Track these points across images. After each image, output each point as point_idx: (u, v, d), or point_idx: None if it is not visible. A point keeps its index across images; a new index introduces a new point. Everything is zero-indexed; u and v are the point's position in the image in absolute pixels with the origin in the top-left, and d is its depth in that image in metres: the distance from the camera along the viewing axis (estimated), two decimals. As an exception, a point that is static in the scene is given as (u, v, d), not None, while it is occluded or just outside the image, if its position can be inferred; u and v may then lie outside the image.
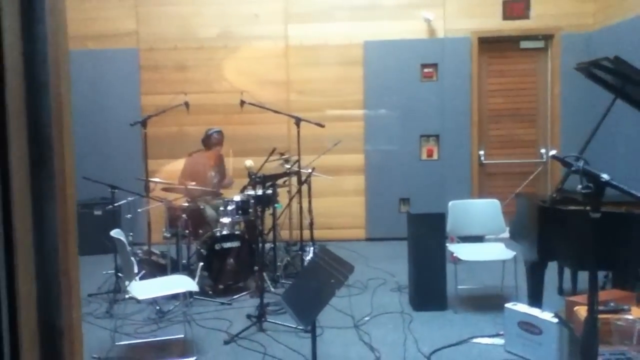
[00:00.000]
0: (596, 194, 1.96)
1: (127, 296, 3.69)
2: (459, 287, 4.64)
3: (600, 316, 2.30)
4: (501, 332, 3.80)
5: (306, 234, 5.52)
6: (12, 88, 0.58)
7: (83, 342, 0.69)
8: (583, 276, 4.40)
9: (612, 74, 3.63)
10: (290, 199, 5.67)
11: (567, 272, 4.68)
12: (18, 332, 0.60)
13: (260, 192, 4.97)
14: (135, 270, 4.17)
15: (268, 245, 5.28)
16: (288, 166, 5.36)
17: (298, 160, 5.40)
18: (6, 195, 0.58)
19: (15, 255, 0.60)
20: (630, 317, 2.49)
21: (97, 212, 6.02)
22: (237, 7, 6.91)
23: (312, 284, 3.18)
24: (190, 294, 4.50)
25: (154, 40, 6.93)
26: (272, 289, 4.94)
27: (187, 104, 5.59)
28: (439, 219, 4.58)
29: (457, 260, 4.69)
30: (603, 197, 1.97)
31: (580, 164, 2.05)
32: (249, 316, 4.28)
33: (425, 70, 6.88)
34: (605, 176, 1.94)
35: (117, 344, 3.82)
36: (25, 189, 0.59)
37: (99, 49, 6.74)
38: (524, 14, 6.83)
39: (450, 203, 4.88)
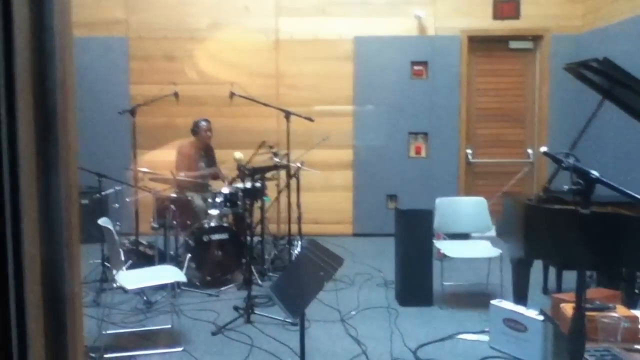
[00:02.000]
0: (586, 190, 1.98)
1: (114, 285, 3.66)
2: (445, 283, 4.67)
3: (587, 314, 2.33)
4: (486, 329, 3.84)
5: (294, 228, 5.52)
6: (20, 58, 0.58)
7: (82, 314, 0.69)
8: (567, 275, 4.45)
9: (601, 76, 3.67)
10: (279, 193, 5.66)
11: (552, 271, 4.73)
12: (24, 297, 0.60)
13: (248, 184, 4.96)
14: (123, 259, 4.14)
15: (256, 238, 5.26)
16: (277, 160, 5.35)
17: (287, 154, 5.39)
18: (14, 163, 0.58)
19: (22, 221, 0.60)
20: (615, 315, 2.53)
21: (84, 201, 5.95)
22: (229, -2, 6.87)
23: (302, 276, 3.18)
24: (178, 284, 4.48)
25: (143, 29, 6.87)
26: (260, 282, 4.94)
27: (176, 95, 5.55)
28: (426, 215, 4.61)
29: (443, 257, 4.72)
30: (592, 194, 1.99)
31: (571, 160, 2.07)
32: (236, 308, 4.27)
33: (415, 67, 6.90)
34: (595, 173, 1.96)
35: (104, 332, 3.79)
36: (32, 158, 0.59)
37: (87, 36, 6.66)
38: (514, 15, 6.87)
39: (437, 200, 4.92)
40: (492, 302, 3.71)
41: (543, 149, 2.44)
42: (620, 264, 3.67)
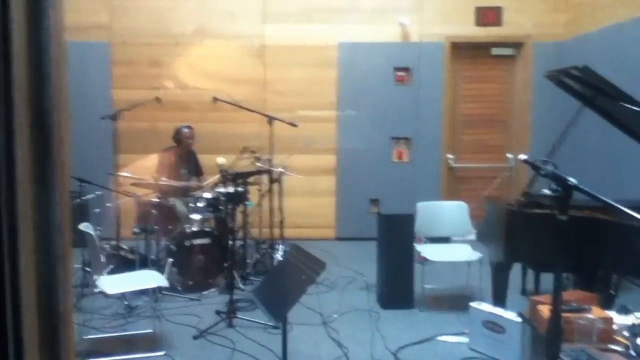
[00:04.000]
0: (564, 196, 2.04)
1: (95, 290, 3.65)
2: (426, 286, 4.73)
3: (563, 315, 2.39)
4: (466, 331, 3.89)
5: (276, 232, 5.54)
6: (18, 78, 0.60)
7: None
8: (545, 277, 4.54)
9: (581, 83, 3.75)
10: (262, 198, 5.67)
11: (530, 274, 4.82)
12: (20, 310, 0.62)
13: (231, 189, 4.98)
14: (104, 264, 4.13)
15: (238, 243, 5.28)
16: (260, 164, 5.37)
17: (270, 159, 5.42)
18: (12, 180, 0.60)
19: (19, 236, 0.62)
20: (591, 316, 2.60)
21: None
22: (214, 4, 6.87)
23: (284, 280, 3.21)
24: (160, 289, 4.47)
25: (127, 35, 6.83)
26: (242, 286, 4.95)
27: (158, 99, 5.55)
28: (408, 220, 4.67)
29: (424, 261, 4.77)
30: (570, 200, 2.05)
31: (549, 167, 2.13)
32: (218, 312, 4.28)
33: (399, 73, 6.97)
34: (572, 180, 2.02)
35: (84, 337, 3.77)
36: (29, 175, 0.61)
37: (69, 41, 6.59)
38: (497, 22, 6.98)
39: (419, 204, 4.98)
40: (472, 304, 3.76)
41: (522, 156, 2.50)
42: (596, 267, 3.76)
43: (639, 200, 3.85)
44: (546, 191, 2.14)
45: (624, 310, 2.81)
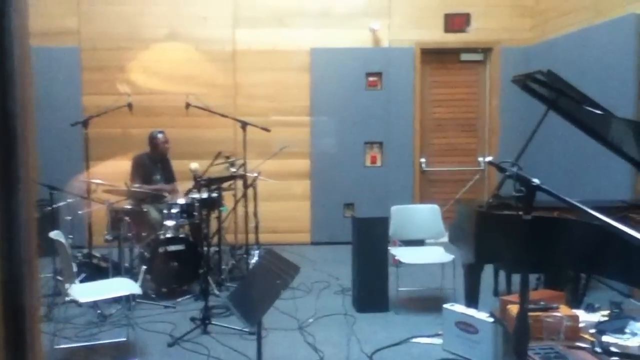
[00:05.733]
0: (527, 197, 2.09)
1: (67, 299, 3.60)
2: (400, 289, 4.77)
3: (532, 314, 2.45)
4: (440, 332, 3.95)
5: (252, 237, 5.53)
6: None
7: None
8: (517, 278, 4.59)
9: (546, 87, 3.84)
10: (236, 203, 5.66)
11: (502, 275, 4.90)
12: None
13: (205, 195, 4.96)
14: (75, 272, 4.07)
15: (213, 249, 5.26)
16: (234, 169, 5.36)
17: (244, 164, 5.42)
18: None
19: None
20: (558, 314, 2.66)
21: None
22: (185, 8, 6.85)
23: (258, 284, 3.22)
24: (133, 297, 4.43)
25: (97, 40, 6.77)
26: (217, 292, 4.93)
27: (130, 105, 5.51)
28: (382, 223, 4.71)
29: (398, 263, 4.82)
30: (534, 200, 2.11)
31: (514, 169, 2.18)
32: (193, 319, 4.25)
33: (370, 78, 7.04)
34: (535, 180, 2.07)
35: (56, 347, 3.71)
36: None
37: (38, 46, 6.50)
38: (465, 27, 7.11)
39: (392, 208, 5.03)
40: (445, 305, 3.82)
41: (488, 158, 2.56)
42: (563, 266, 3.84)
43: (604, 200, 3.98)
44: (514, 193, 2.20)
45: (591, 308, 2.89)
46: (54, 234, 3.72)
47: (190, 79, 6.79)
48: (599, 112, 3.56)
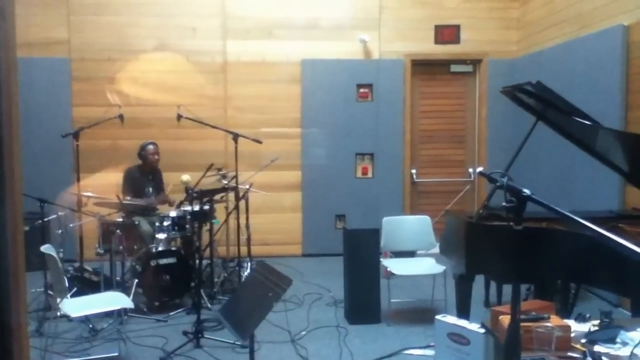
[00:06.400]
0: (518, 207, 2.10)
1: (58, 314, 3.57)
2: (392, 300, 4.78)
3: (523, 324, 2.45)
4: (432, 344, 3.94)
5: (243, 250, 5.52)
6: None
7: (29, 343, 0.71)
8: (508, 289, 4.60)
9: (534, 98, 3.88)
10: (228, 215, 5.65)
11: (493, 286, 4.92)
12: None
13: (197, 207, 4.95)
14: (67, 286, 4.04)
15: (205, 262, 5.24)
16: (225, 182, 5.36)
17: (235, 176, 5.42)
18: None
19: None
20: (549, 325, 2.67)
21: (25, 228, 5.72)
22: (175, 20, 6.86)
23: (250, 297, 3.20)
24: (125, 311, 4.40)
25: (86, 51, 6.76)
26: (209, 306, 4.90)
27: (121, 117, 5.51)
28: (373, 234, 4.72)
29: (390, 275, 4.83)
30: (524, 211, 2.12)
31: (504, 179, 2.20)
32: (185, 333, 4.23)
33: (361, 90, 7.08)
34: (526, 191, 2.08)
35: (46, 363, 3.68)
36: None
37: (27, 57, 6.49)
38: (455, 39, 7.18)
39: (383, 219, 5.05)
40: (437, 317, 3.81)
41: (479, 169, 2.58)
42: (554, 276, 3.86)
43: (593, 211, 4.00)
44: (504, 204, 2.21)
45: (582, 318, 2.89)
46: (45, 248, 3.70)
47: (180, 91, 6.79)
48: (587, 122, 3.60)
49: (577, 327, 2.78)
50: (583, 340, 2.64)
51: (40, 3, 6.66)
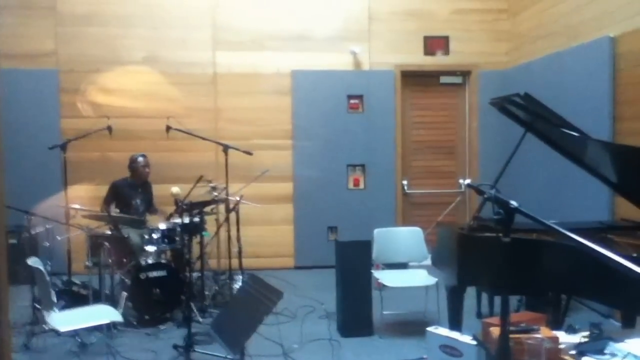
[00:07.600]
0: (506, 219, 2.11)
1: (46, 328, 3.53)
2: (385, 312, 4.76)
3: (513, 336, 2.45)
4: (424, 356, 3.93)
5: (235, 262, 5.49)
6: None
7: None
8: (499, 300, 4.62)
9: (523, 110, 3.90)
10: (219, 227, 5.63)
11: (485, 297, 4.91)
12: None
13: (187, 219, 4.92)
14: (55, 300, 3.99)
15: (195, 274, 5.20)
16: (216, 194, 5.33)
17: (226, 188, 5.39)
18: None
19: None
20: (539, 336, 2.67)
21: (12, 241, 5.69)
22: (165, 31, 6.85)
23: (241, 311, 3.18)
24: (114, 324, 4.35)
25: (75, 62, 6.72)
26: (200, 319, 4.86)
27: (109, 129, 5.48)
28: (365, 246, 4.71)
29: (382, 287, 4.81)
30: (513, 223, 2.12)
31: (492, 191, 2.21)
32: (175, 346, 4.19)
33: (352, 101, 7.09)
34: (514, 203, 2.09)
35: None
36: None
37: (15, 68, 6.45)
38: (444, 51, 7.23)
39: (375, 231, 5.04)
40: (429, 329, 3.80)
41: (467, 181, 2.59)
42: (546, 288, 3.86)
43: (582, 222, 4.01)
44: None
45: (571, 330, 2.90)
46: (32, 261, 3.66)
47: (170, 102, 6.75)
48: (575, 134, 3.62)
49: (567, 339, 2.78)
50: (573, 352, 2.64)
51: (28, 14, 6.64)
